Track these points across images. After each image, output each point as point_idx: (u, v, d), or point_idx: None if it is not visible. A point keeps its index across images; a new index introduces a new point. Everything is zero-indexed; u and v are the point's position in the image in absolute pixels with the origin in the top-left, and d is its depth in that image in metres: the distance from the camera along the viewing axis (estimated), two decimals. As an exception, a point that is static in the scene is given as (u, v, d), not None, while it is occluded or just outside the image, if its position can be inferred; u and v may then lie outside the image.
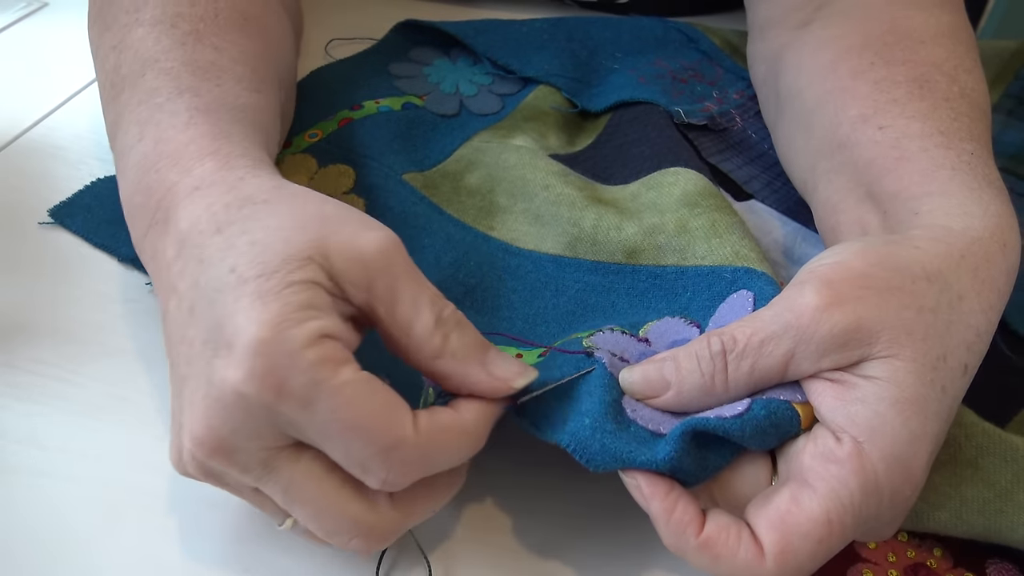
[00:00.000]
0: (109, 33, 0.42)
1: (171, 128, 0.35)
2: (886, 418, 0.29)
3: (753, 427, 0.30)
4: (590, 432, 0.30)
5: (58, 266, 0.45)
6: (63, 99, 0.56)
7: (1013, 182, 0.51)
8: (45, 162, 0.51)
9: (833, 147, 0.42)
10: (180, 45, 0.39)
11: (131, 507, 0.35)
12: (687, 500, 0.29)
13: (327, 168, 0.49)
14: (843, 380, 0.30)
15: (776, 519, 0.28)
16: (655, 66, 0.59)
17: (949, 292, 0.31)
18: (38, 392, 0.39)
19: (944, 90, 0.40)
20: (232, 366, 0.27)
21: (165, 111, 0.36)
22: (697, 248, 0.41)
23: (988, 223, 0.34)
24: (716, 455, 0.31)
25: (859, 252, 0.32)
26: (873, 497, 0.29)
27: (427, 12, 0.66)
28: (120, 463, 0.36)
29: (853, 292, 0.30)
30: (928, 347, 0.30)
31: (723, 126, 0.55)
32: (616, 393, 0.32)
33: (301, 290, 0.28)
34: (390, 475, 0.28)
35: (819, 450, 0.29)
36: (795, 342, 0.30)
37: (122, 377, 0.40)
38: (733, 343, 0.31)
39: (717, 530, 0.29)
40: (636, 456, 0.30)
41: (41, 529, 0.34)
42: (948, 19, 0.44)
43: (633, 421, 0.31)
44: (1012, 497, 0.32)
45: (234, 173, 0.33)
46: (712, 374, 0.31)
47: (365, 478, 0.28)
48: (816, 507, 0.28)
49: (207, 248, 0.30)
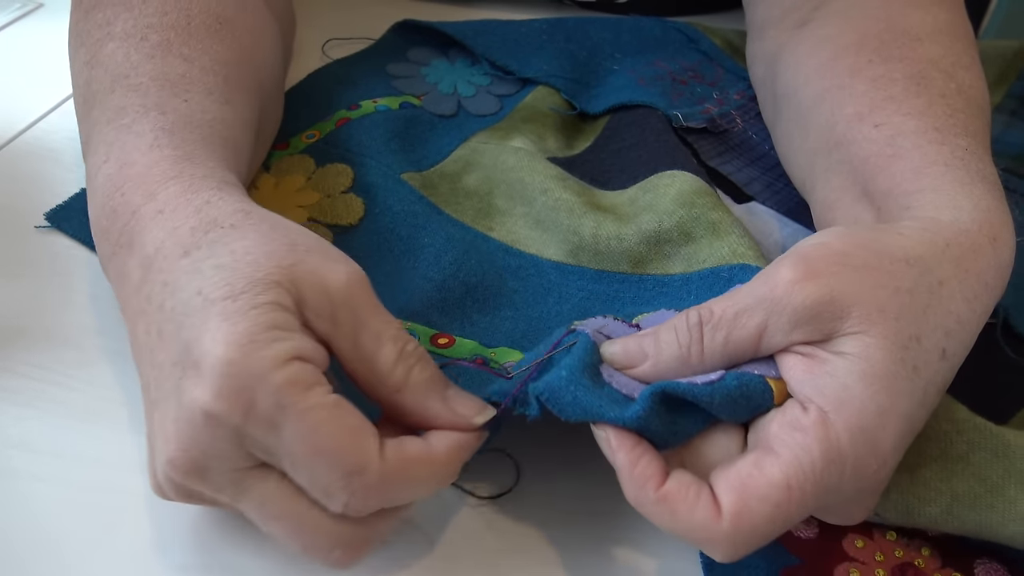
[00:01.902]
0: (83, 48, 0.41)
1: (135, 151, 0.35)
2: (854, 391, 0.29)
3: (723, 395, 0.30)
4: (565, 383, 0.31)
5: (52, 270, 0.44)
6: (58, 101, 0.56)
7: (1016, 182, 0.51)
8: (40, 165, 0.51)
9: (830, 145, 0.42)
10: (149, 59, 0.39)
11: (127, 512, 0.34)
12: (652, 455, 0.30)
13: (325, 168, 0.49)
14: (814, 355, 0.30)
15: (736, 481, 0.29)
16: (654, 67, 0.59)
17: (929, 276, 0.31)
18: (32, 396, 0.38)
19: (941, 87, 0.40)
20: (200, 386, 0.27)
21: (132, 132, 0.36)
22: (701, 253, 0.41)
23: (977, 216, 0.34)
24: (687, 421, 0.31)
25: (841, 234, 0.33)
26: (835, 466, 0.29)
27: (425, 12, 0.65)
28: (115, 467, 0.36)
29: (828, 268, 0.30)
30: (900, 326, 0.30)
31: (723, 128, 0.55)
32: (596, 358, 0.32)
33: (268, 311, 0.28)
34: (351, 500, 0.28)
35: (786, 419, 0.30)
36: (767, 314, 0.30)
37: (116, 381, 0.39)
38: (710, 315, 0.31)
39: (677, 487, 0.29)
40: (606, 412, 0.30)
41: (35, 534, 0.33)
42: (946, 16, 0.44)
43: (608, 384, 0.32)
44: (1002, 492, 0.32)
45: (199, 196, 0.33)
46: (688, 344, 0.31)
47: (328, 503, 0.28)
48: (777, 472, 0.28)
49: (173, 272, 0.30)
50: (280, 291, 0.29)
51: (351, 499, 0.28)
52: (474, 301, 0.42)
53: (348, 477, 0.28)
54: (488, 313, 0.42)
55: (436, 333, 0.41)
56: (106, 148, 0.36)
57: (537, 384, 0.31)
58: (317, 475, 0.28)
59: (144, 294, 0.31)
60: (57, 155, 0.51)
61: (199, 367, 0.27)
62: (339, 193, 0.48)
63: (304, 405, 0.27)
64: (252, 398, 0.27)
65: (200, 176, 0.34)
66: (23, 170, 0.50)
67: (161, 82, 0.38)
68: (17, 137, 0.53)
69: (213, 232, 0.31)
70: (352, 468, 0.28)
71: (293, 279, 0.29)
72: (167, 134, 0.35)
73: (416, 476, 0.29)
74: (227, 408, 0.27)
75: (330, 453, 0.27)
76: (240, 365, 0.27)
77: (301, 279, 0.29)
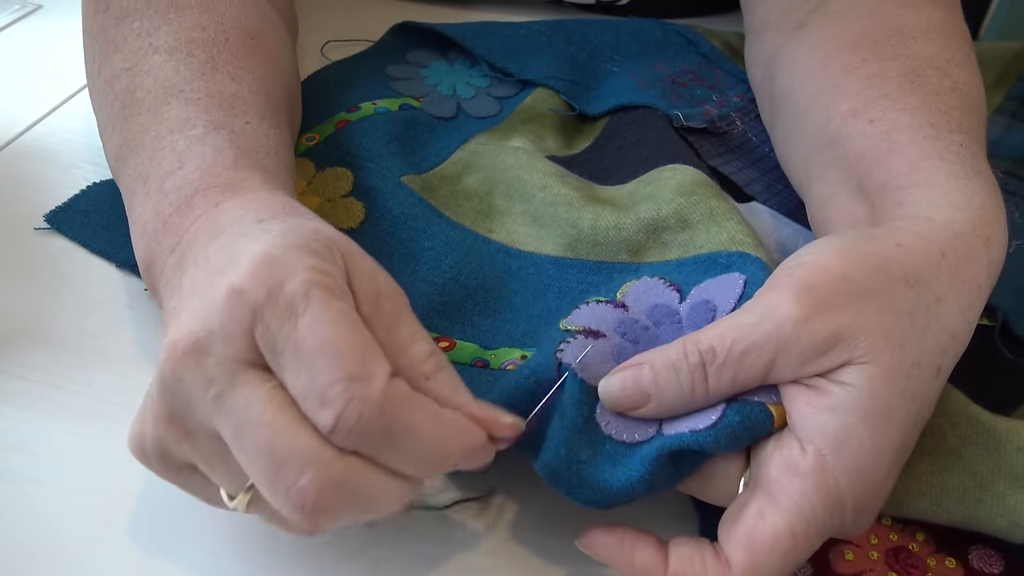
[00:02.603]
0: (119, 55, 0.42)
1: (218, 164, 0.36)
2: (853, 431, 0.29)
3: (728, 435, 0.30)
4: (566, 464, 0.31)
5: (50, 272, 0.44)
6: (56, 103, 0.56)
7: (1017, 185, 0.51)
8: (38, 167, 0.51)
9: (825, 143, 0.42)
10: (200, 76, 0.40)
11: (125, 515, 0.34)
12: (643, 543, 0.31)
13: (325, 171, 0.49)
14: (817, 385, 0.30)
15: (744, 537, 0.29)
16: (654, 69, 0.59)
17: (927, 295, 0.31)
18: (30, 398, 0.38)
19: (935, 84, 0.40)
20: (233, 272, 0.28)
21: (207, 145, 0.37)
22: (698, 239, 0.41)
23: (971, 215, 0.34)
24: (689, 462, 0.32)
25: (838, 252, 0.32)
26: (836, 509, 0.29)
27: (424, 14, 0.65)
28: (113, 471, 0.36)
29: (832, 298, 0.30)
30: (904, 353, 0.30)
31: (723, 130, 0.55)
32: (587, 409, 0.33)
33: (321, 255, 0.29)
34: (345, 412, 0.26)
35: (784, 460, 0.30)
36: (775, 352, 0.30)
37: (115, 384, 0.39)
38: (712, 355, 0.31)
39: (682, 563, 0.30)
40: (612, 484, 0.31)
41: (33, 537, 0.33)
42: (940, 15, 0.44)
43: (608, 437, 0.32)
44: (992, 487, 0.33)
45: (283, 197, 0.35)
46: (692, 386, 0.31)
47: (319, 412, 0.26)
48: (780, 522, 0.29)
49: (245, 227, 0.31)
50: (336, 255, 0.29)
51: (345, 410, 0.26)
52: (475, 304, 0.42)
53: (350, 381, 0.26)
54: (489, 316, 0.42)
55: (437, 337, 0.41)
56: (178, 156, 0.36)
57: (541, 467, 0.31)
58: (319, 374, 0.26)
59: (212, 251, 0.31)
60: (55, 157, 0.51)
61: (237, 261, 0.28)
62: (339, 197, 0.48)
63: (329, 303, 0.27)
64: (281, 281, 0.27)
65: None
66: (21, 172, 0.50)
67: (218, 100, 0.39)
68: (15, 139, 0.53)
69: (292, 215, 0.32)
70: (357, 373, 0.26)
71: (349, 256, 0.30)
72: (247, 155, 0.37)
73: (415, 424, 0.27)
74: (253, 284, 0.27)
75: (339, 352, 0.26)
76: (279, 257, 0.28)
77: (356, 262, 0.30)
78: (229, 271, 0.28)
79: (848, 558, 0.34)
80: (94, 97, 0.44)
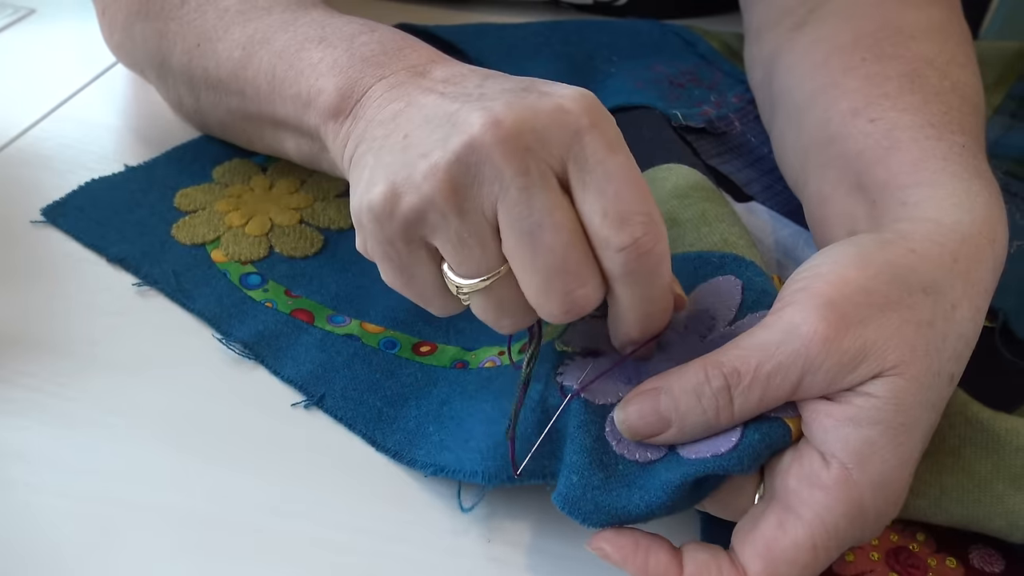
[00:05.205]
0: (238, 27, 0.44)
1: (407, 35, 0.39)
2: (877, 445, 0.29)
3: (750, 455, 0.30)
4: (580, 492, 0.31)
5: (46, 278, 0.44)
6: (50, 107, 0.56)
7: (1018, 186, 0.50)
8: (33, 172, 0.50)
9: (824, 141, 0.42)
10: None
11: (122, 523, 0.34)
12: (656, 547, 0.30)
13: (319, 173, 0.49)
14: (838, 397, 0.30)
15: (762, 547, 0.29)
16: (652, 71, 0.58)
17: (944, 303, 0.31)
18: (27, 406, 0.38)
19: (935, 84, 0.40)
20: (556, 91, 0.30)
21: (382, 26, 0.40)
22: (687, 237, 0.40)
23: (977, 217, 0.34)
24: (710, 484, 0.31)
25: (857, 261, 0.31)
26: (858, 521, 0.29)
27: (421, 16, 0.65)
28: (111, 478, 0.35)
29: (856, 313, 0.30)
30: (927, 364, 0.30)
31: (721, 130, 0.54)
32: (596, 428, 0.32)
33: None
34: (644, 236, 0.29)
35: (805, 472, 0.29)
36: (803, 372, 0.29)
37: (112, 391, 0.39)
38: (737, 377, 0.30)
39: (697, 570, 0.29)
40: (631, 510, 0.30)
41: (30, 544, 0.33)
42: (940, 15, 0.44)
43: (621, 457, 0.31)
44: (990, 487, 0.32)
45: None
46: (716, 411, 0.30)
47: (618, 231, 0.29)
48: (801, 533, 0.28)
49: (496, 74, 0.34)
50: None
51: (645, 235, 0.29)
52: None
53: (650, 215, 0.29)
54: (474, 319, 0.41)
55: (419, 341, 0.41)
56: (365, 24, 0.40)
57: (556, 496, 0.31)
58: (628, 201, 0.29)
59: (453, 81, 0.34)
60: (49, 162, 0.51)
61: (552, 86, 0.31)
62: (332, 197, 0.48)
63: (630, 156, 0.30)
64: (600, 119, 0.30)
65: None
66: (16, 177, 0.50)
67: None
68: (9, 144, 0.52)
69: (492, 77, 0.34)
70: (652, 210, 0.29)
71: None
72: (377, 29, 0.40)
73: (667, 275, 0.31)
74: (580, 109, 0.29)
75: (645, 192, 0.29)
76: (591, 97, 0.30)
77: None
78: (545, 89, 0.30)
79: (849, 559, 0.33)
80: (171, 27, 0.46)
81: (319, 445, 0.37)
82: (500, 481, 0.33)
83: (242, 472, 0.36)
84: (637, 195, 0.29)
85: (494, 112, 0.29)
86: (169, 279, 0.43)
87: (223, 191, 0.48)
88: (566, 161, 0.29)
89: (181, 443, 0.37)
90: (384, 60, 0.37)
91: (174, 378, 0.39)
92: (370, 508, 0.35)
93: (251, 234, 0.46)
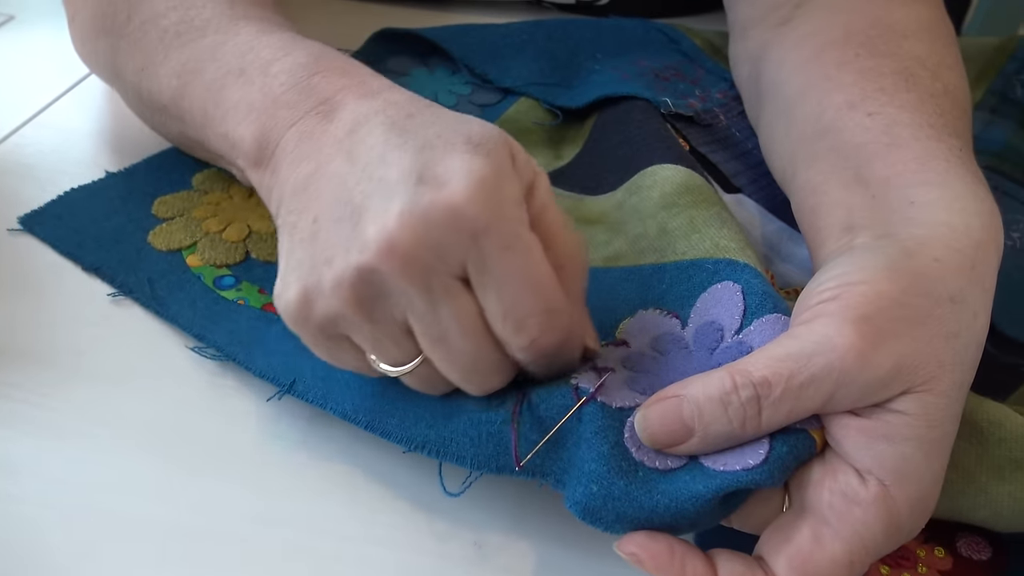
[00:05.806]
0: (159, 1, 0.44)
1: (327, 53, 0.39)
2: (913, 461, 0.29)
3: (780, 468, 0.29)
4: (602, 502, 0.30)
5: (27, 288, 0.44)
6: (30, 115, 0.55)
7: (998, 180, 0.51)
8: (12, 181, 0.50)
9: (816, 133, 0.42)
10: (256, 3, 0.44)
11: (107, 533, 0.34)
12: (692, 556, 0.29)
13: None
14: (868, 414, 0.30)
15: (798, 560, 0.28)
16: (637, 65, 0.58)
17: (967, 312, 0.31)
18: (10, 416, 0.38)
19: (928, 86, 0.40)
20: (450, 191, 0.29)
21: (299, 44, 0.40)
22: (677, 246, 0.39)
23: (984, 222, 0.34)
24: (738, 499, 0.31)
25: (887, 273, 0.31)
26: (895, 535, 0.29)
27: (405, 19, 0.65)
28: (95, 488, 0.35)
29: (890, 327, 0.29)
30: (954, 376, 0.30)
31: (708, 122, 0.54)
32: (613, 434, 0.31)
33: (507, 156, 0.31)
34: (542, 337, 0.30)
35: (840, 487, 0.29)
36: (836, 385, 0.29)
37: (96, 400, 0.39)
38: (768, 388, 0.29)
39: None
40: (654, 518, 0.29)
41: (13, 556, 0.33)
42: (928, 14, 0.44)
43: (640, 463, 0.31)
44: (974, 479, 0.33)
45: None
46: (743, 421, 0.29)
47: (516, 336, 0.30)
48: (839, 549, 0.28)
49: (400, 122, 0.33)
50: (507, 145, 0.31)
51: (542, 335, 0.30)
52: None
53: (548, 313, 0.30)
54: None
55: None
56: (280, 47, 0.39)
57: (575, 507, 0.30)
58: (521, 304, 0.30)
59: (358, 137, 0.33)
60: (29, 170, 0.51)
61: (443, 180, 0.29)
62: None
63: (531, 240, 0.30)
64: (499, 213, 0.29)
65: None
66: (-4, 186, 0.49)
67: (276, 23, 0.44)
68: (-10, 152, 0.52)
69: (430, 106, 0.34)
70: (554, 306, 0.30)
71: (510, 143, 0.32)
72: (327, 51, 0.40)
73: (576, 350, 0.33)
74: (477, 211, 0.28)
75: (542, 287, 0.30)
76: (493, 185, 0.29)
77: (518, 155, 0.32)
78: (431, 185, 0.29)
79: None
80: (122, 45, 0.46)
81: (304, 454, 0.37)
82: (490, 470, 0.32)
83: (227, 482, 0.36)
84: (532, 296, 0.29)
85: (388, 232, 0.29)
86: (144, 287, 0.43)
87: (202, 198, 0.48)
88: (466, 264, 0.29)
89: (166, 453, 0.37)
90: (294, 99, 0.37)
91: (158, 388, 0.39)
92: (355, 516, 0.35)
93: (228, 240, 0.45)
